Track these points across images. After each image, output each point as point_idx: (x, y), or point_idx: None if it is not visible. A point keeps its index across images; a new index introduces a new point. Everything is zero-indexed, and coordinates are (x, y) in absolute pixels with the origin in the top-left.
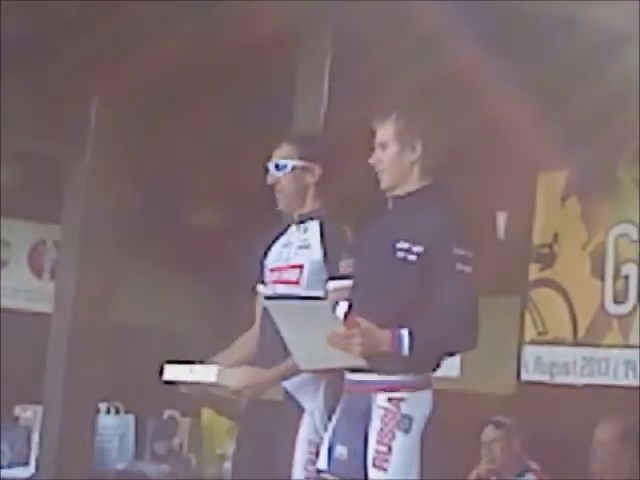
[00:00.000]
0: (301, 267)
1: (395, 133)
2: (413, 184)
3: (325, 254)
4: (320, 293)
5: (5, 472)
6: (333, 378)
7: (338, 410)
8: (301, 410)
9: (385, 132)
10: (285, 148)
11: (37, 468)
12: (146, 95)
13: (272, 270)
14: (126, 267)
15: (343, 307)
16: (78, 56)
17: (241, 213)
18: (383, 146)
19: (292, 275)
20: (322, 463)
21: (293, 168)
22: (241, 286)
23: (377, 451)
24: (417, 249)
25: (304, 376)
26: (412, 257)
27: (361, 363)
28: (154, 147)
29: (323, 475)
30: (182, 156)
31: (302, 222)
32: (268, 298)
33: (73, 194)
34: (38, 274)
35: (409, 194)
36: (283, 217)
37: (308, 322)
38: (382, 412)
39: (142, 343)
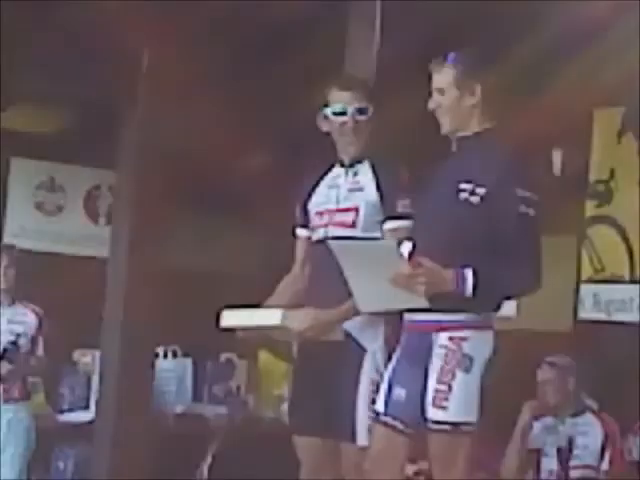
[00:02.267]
0: (356, 209)
1: (454, 78)
2: (474, 127)
3: (381, 195)
4: (377, 234)
5: (66, 416)
6: (392, 318)
7: (398, 350)
8: (361, 350)
9: (443, 77)
10: (361, 91)
11: (97, 412)
12: (196, 42)
13: (320, 213)
14: (180, 211)
15: (407, 247)
16: (131, 5)
17: (291, 157)
18: (442, 91)
19: (347, 217)
20: (380, 405)
21: (371, 111)
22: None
23: (437, 390)
24: (480, 190)
25: (364, 317)
26: (475, 198)
27: (423, 303)
28: (204, 93)
29: (381, 418)
30: (232, 102)
31: (351, 165)
32: (333, 238)
33: (127, 140)
34: (94, 219)
35: (472, 136)
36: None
37: (372, 262)
38: (443, 351)
39: (198, 286)
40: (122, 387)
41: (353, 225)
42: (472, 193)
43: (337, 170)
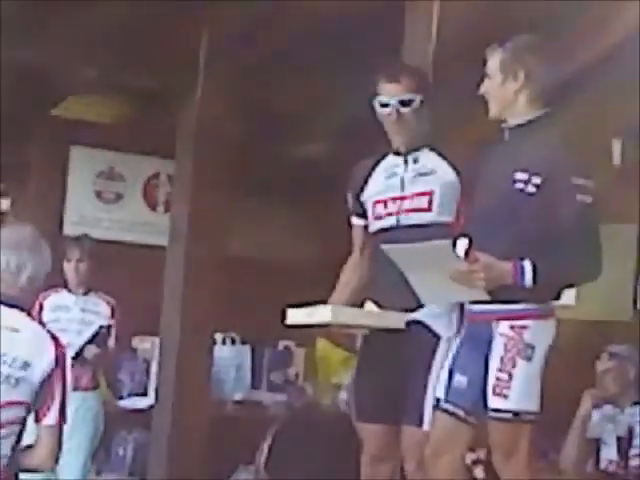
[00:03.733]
0: (431, 193)
1: (500, 63)
2: (523, 114)
3: (458, 174)
4: (450, 218)
5: (125, 402)
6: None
7: (458, 339)
8: (434, 337)
9: (492, 62)
10: (406, 82)
11: (156, 398)
12: (255, 28)
13: (383, 202)
14: (238, 200)
15: (463, 244)
16: None
17: (352, 146)
18: (489, 76)
19: (421, 202)
20: (440, 392)
21: (418, 101)
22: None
23: (498, 378)
24: (536, 180)
25: (434, 306)
26: (531, 188)
27: (483, 295)
28: (263, 80)
29: (442, 405)
30: (291, 89)
31: (408, 153)
32: (406, 227)
33: (186, 127)
34: (152, 207)
35: (525, 124)
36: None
37: (430, 263)
38: (504, 340)
39: (257, 274)
40: (181, 374)
41: (429, 209)
42: (528, 182)
43: (393, 159)
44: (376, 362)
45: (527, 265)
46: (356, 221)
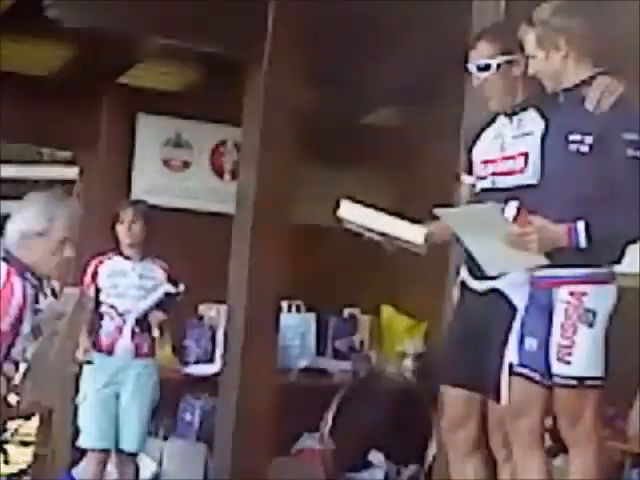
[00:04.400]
0: (526, 154)
1: (537, 40)
2: (574, 76)
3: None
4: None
5: (192, 368)
6: None
7: (524, 306)
8: (512, 309)
9: (529, 42)
10: (485, 47)
11: (222, 365)
12: None
13: (485, 162)
14: (305, 167)
15: (512, 207)
16: None
17: (416, 112)
18: (532, 56)
19: (515, 164)
20: (513, 356)
21: (498, 65)
22: (417, 184)
23: (560, 345)
24: (588, 139)
25: (514, 276)
26: (584, 148)
27: (542, 261)
28: (330, 47)
29: (516, 369)
30: (358, 56)
31: (514, 113)
32: (500, 190)
33: (253, 95)
34: (219, 175)
35: (575, 86)
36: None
37: (481, 227)
38: (564, 306)
39: (323, 242)
40: (248, 341)
41: (521, 172)
42: (581, 143)
43: (502, 119)
44: (461, 326)
45: (580, 226)
46: (464, 178)
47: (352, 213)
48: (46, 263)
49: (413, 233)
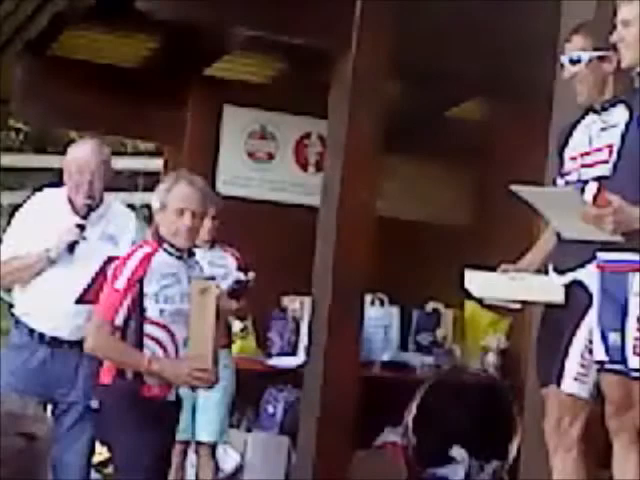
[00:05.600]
0: (611, 146)
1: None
2: None
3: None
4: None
5: (275, 360)
6: None
7: (595, 292)
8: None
9: (631, 9)
10: (579, 40)
11: (306, 357)
12: None
13: (574, 157)
14: (390, 159)
15: (592, 188)
16: None
17: (503, 106)
18: (627, 23)
19: (600, 156)
20: (600, 354)
21: (590, 60)
22: (500, 179)
23: (637, 338)
24: None
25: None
26: None
27: (618, 238)
28: (416, 38)
29: (607, 366)
30: (443, 47)
31: (603, 109)
32: (585, 181)
33: (339, 87)
34: (303, 167)
35: None
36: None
37: (560, 207)
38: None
39: (407, 235)
40: (332, 334)
41: (606, 162)
42: None
43: (591, 116)
44: (547, 322)
45: None
46: (558, 181)
47: (477, 285)
48: (168, 231)
49: (551, 293)
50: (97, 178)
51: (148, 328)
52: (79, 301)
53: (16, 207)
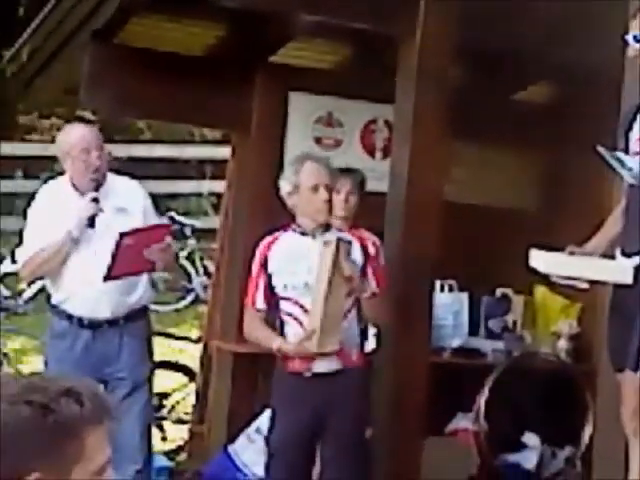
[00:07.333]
0: None
1: None
2: None
3: None
4: None
5: None
6: None
7: None
8: None
9: None
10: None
11: (377, 344)
12: None
13: (638, 140)
14: (457, 144)
15: None
16: None
17: (571, 89)
18: None
19: None
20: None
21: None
22: (567, 163)
23: None
24: None
25: None
26: None
27: None
28: (482, 21)
29: None
30: (510, 31)
31: None
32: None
33: (406, 72)
34: (370, 153)
35: None
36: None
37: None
38: None
39: (475, 220)
40: (402, 320)
41: None
42: None
43: None
44: (616, 306)
45: None
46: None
47: (544, 262)
48: (305, 210)
49: (619, 274)
50: (102, 154)
51: (282, 304)
52: (107, 278)
53: None
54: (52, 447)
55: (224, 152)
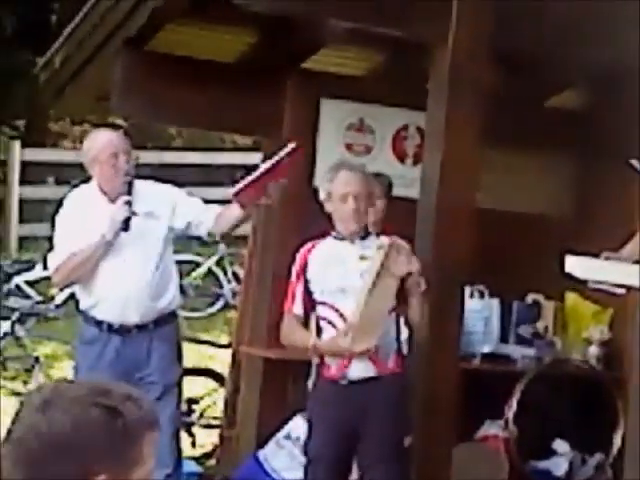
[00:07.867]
0: None
1: None
2: None
3: None
4: None
5: None
6: None
7: None
8: None
9: None
10: None
11: (407, 350)
12: None
13: None
14: (489, 150)
15: None
16: None
17: (604, 95)
18: None
19: None
20: None
21: None
22: (602, 169)
23: None
24: None
25: None
26: None
27: None
28: (515, 26)
29: None
30: (543, 36)
31: None
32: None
33: (438, 78)
34: (401, 159)
35: None
36: None
37: None
38: None
39: (506, 226)
40: (433, 326)
41: None
42: None
43: None
44: None
45: None
46: None
47: (580, 268)
48: (336, 218)
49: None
50: (129, 158)
51: (319, 309)
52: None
53: None
54: (119, 449)
55: (255, 158)
